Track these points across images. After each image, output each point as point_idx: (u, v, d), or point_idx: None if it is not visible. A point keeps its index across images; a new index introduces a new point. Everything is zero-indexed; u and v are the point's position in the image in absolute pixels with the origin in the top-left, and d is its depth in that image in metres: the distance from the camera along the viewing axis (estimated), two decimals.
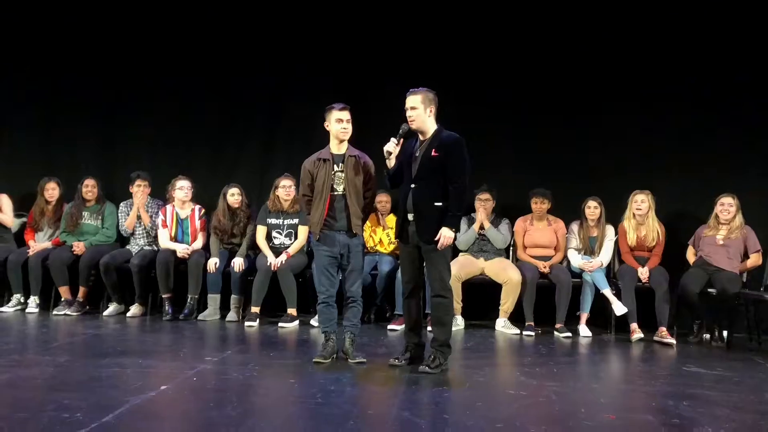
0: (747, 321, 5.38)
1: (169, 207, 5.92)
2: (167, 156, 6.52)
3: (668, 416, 3.08)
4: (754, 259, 5.32)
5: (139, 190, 5.96)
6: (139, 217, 5.99)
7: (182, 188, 5.86)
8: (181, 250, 5.75)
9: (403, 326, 4.31)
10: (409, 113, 3.89)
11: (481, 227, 5.71)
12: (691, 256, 5.55)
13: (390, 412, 3.02)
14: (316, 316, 4.91)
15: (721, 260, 5.26)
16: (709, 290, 5.21)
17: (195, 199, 6.00)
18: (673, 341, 5.09)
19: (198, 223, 5.94)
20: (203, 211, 5.99)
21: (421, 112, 3.88)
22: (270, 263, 5.47)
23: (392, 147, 3.94)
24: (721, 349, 5.01)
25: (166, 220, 5.87)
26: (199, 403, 3.11)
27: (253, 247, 5.78)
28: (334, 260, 4.09)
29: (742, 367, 4.31)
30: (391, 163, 3.97)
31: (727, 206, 5.33)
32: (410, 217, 3.91)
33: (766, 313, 5.29)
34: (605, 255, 5.61)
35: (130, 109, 6.61)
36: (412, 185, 3.90)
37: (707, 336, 5.27)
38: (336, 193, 4.07)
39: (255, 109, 6.53)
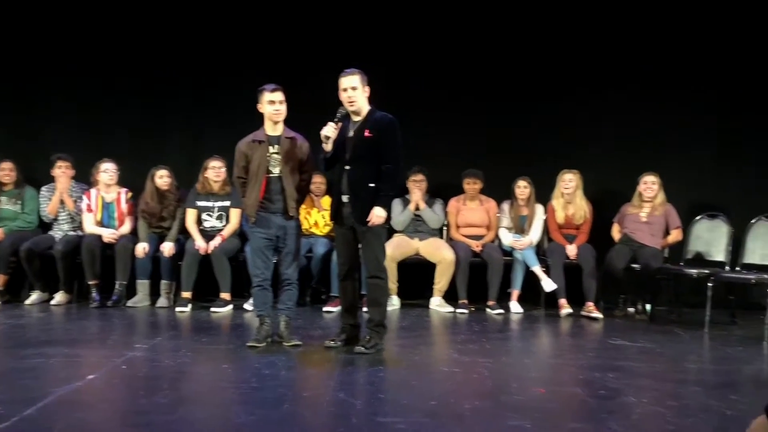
0: (668, 294, 5.63)
1: (93, 191, 5.69)
2: (91, 138, 6.25)
3: (595, 388, 3.20)
4: (675, 235, 5.56)
5: (61, 173, 5.71)
6: (62, 202, 5.74)
7: (107, 171, 5.63)
8: (108, 234, 5.55)
9: (339, 308, 4.31)
10: (349, 93, 3.83)
11: (416, 208, 5.75)
12: (616, 233, 5.75)
13: (326, 394, 3.01)
14: (251, 300, 4.84)
15: (644, 237, 5.47)
16: (633, 266, 5.42)
17: (121, 182, 5.79)
18: (600, 315, 5.28)
19: (125, 207, 5.73)
20: (130, 194, 5.78)
21: (360, 92, 3.84)
22: (198, 247, 5.35)
23: (330, 131, 3.83)
24: (645, 322, 5.23)
25: (90, 204, 5.64)
26: (129, 392, 3.03)
27: (183, 231, 5.64)
28: (270, 242, 4.04)
29: (664, 339, 4.51)
30: (328, 147, 3.88)
31: (650, 184, 5.54)
32: (345, 198, 3.89)
33: (686, 286, 5.53)
34: (535, 233, 5.74)
35: (50, 89, 6.30)
36: (347, 167, 3.87)
37: (632, 310, 5.49)
38: (272, 175, 4.00)
39: (182, 88, 6.33)
